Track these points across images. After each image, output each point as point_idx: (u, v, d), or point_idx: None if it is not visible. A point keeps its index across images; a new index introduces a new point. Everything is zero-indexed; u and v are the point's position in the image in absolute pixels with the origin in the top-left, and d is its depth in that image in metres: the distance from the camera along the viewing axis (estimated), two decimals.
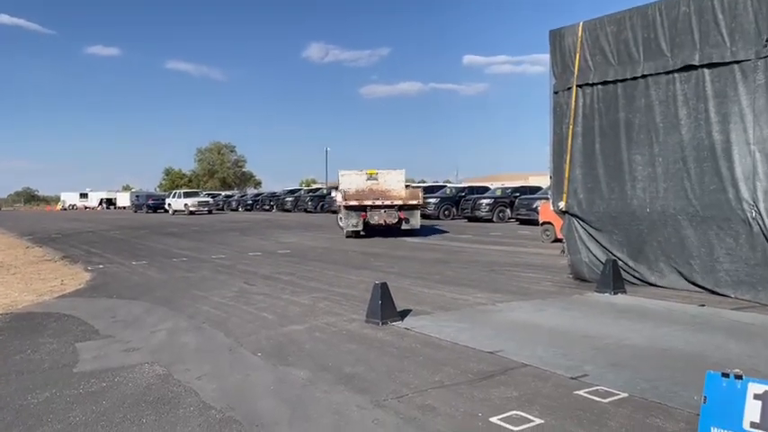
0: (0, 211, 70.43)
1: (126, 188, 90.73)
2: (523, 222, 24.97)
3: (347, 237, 20.42)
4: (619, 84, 9.36)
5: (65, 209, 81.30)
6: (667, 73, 8.77)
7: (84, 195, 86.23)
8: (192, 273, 12.22)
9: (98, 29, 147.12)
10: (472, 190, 33.40)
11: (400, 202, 20.20)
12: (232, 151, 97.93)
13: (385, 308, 7.03)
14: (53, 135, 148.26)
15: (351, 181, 21.23)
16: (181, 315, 7.93)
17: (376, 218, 19.80)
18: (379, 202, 19.98)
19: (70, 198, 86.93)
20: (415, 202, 20.46)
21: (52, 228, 30.28)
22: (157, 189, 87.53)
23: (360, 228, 20.08)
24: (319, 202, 43.80)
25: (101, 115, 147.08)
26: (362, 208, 19.91)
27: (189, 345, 6.42)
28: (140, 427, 4.12)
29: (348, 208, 19.99)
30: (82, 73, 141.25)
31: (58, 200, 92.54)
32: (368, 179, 21.36)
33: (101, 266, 13.57)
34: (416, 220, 20.50)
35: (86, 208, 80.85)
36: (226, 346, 6.29)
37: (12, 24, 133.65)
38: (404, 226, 20.07)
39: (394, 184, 21.30)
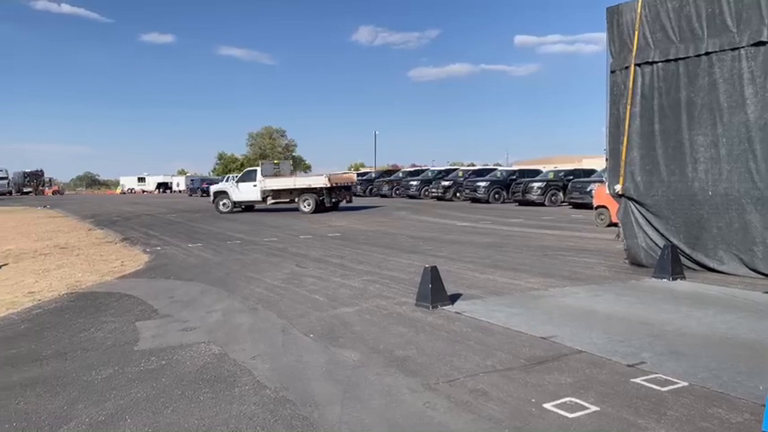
0: (63, 195, 73.44)
1: (181, 172, 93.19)
2: (577, 206, 24.42)
3: (313, 212, 24.99)
4: (680, 62, 8.98)
5: (124, 192, 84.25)
6: (733, 50, 8.36)
7: (141, 180, 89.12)
8: (245, 255, 12.47)
9: (154, 17, 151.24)
10: (523, 173, 32.90)
11: (350, 184, 28.45)
12: (282, 136, 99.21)
13: (435, 291, 7.00)
14: (112, 121, 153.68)
15: (266, 168, 27.19)
16: (235, 296, 8.11)
17: (340, 196, 26.28)
18: (342, 184, 26.70)
19: (129, 182, 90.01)
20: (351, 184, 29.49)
21: (112, 211, 31.39)
22: (211, 173, 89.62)
23: (331, 204, 25.68)
24: (368, 186, 44.00)
25: (157, 101, 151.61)
26: (336, 188, 25.81)
27: (243, 325, 6.56)
28: (198, 404, 4.24)
29: (328, 189, 25.40)
30: (138, 60, 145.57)
31: (117, 184, 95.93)
32: (274, 168, 28.23)
33: (158, 248, 13.99)
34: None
35: (144, 192, 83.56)
36: (279, 327, 6.40)
37: (72, 14, 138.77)
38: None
39: (286, 170, 29.48)
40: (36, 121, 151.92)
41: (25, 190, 76.53)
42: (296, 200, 26.01)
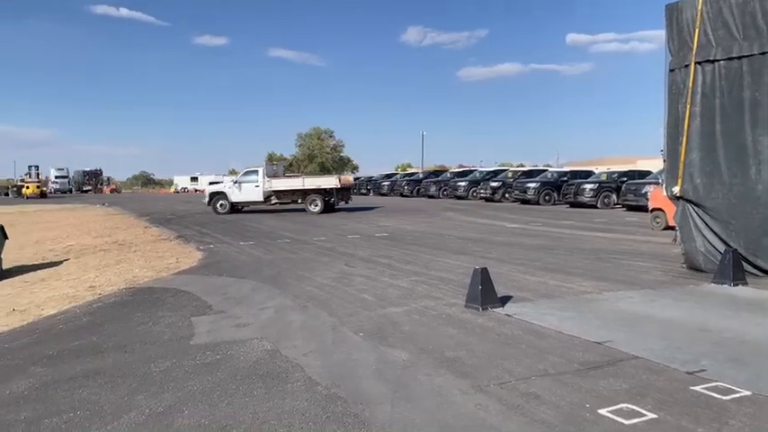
0: (120, 194, 75.97)
1: (232, 172, 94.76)
2: (631, 209, 23.81)
3: (320, 213, 25.41)
4: (744, 60, 8.64)
5: (177, 191, 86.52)
6: None
7: (194, 179, 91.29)
8: (295, 254, 12.64)
9: (207, 20, 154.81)
10: (575, 174, 32.21)
11: (349, 186, 29.23)
12: (331, 136, 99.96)
13: (485, 293, 6.94)
14: (166, 122, 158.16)
15: (269, 169, 27.43)
16: (286, 294, 8.24)
17: (343, 197, 26.97)
18: (346, 185, 27.40)
19: (182, 182, 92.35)
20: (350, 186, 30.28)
21: (167, 209, 32.23)
22: None
23: (338, 204, 26.68)
24: (415, 186, 43.95)
25: (209, 102, 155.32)
26: (343, 189, 26.69)
27: (294, 322, 6.66)
28: (252, 398, 4.33)
29: (337, 190, 26.11)
30: (192, 62, 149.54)
31: (171, 183, 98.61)
32: (273, 169, 28.58)
33: (211, 246, 14.33)
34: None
35: (197, 191, 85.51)
36: (329, 325, 6.47)
37: (129, 17, 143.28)
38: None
39: (280, 171, 29.59)
40: (95, 123, 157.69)
41: (85, 188, 79.70)
42: (299, 200, 26.15)
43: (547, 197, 30.52)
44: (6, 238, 11.63)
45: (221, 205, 26.63)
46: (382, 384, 4.60)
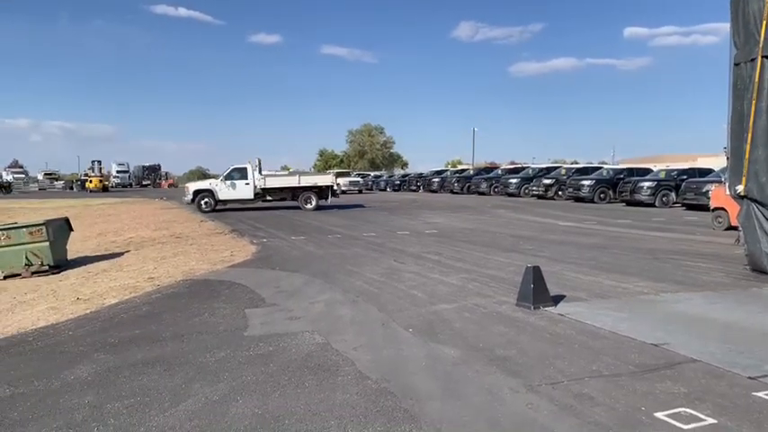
0: (177, 188, 78.16)
1: (284, 168, 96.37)
2: (691, 207, 23.02)
3: (316, 210, 25.54)
4: None
5: None
6: None
7: None
8: (345, 249, 12.75)
9: (261, 18, 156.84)
10: (631, 172, 31.28)
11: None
12: (381, 133, 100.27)
13: (537, 292, 6.85)
14: (220, 119, 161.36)
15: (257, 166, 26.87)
16: (336, 288, 8.33)
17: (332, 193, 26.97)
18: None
19: None
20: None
21: None
22: (312, 169, 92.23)
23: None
24: (466, 183, 43.62)
25: (262, 98, 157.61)
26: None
27: (345, 317, 6.73)
28: (304, 390, 4.41)
29: (331, 187, 26.54)
30: (247, 60, 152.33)
31: None
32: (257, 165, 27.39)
33: (264, 240, 14.60)
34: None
35: None
36: (379, 320, 6.51)
37: (187, 17, 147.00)
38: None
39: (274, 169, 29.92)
40: (154, 119, 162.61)
41: (144, 183, 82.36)
42: (289, 198, 26.31)
43: (602, 195, 29.79)
44: (71, 230, 12.16)
45: (206, 203, 26.18)
46: (432, 380, 4.60)
